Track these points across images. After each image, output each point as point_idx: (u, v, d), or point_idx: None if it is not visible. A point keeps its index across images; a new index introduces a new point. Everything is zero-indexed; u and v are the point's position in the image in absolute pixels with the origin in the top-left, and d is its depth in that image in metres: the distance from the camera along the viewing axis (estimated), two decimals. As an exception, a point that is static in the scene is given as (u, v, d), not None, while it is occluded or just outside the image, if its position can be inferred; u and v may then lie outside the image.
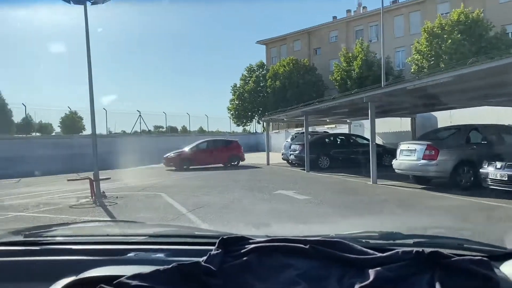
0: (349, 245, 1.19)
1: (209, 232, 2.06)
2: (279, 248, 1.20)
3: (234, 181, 14.50)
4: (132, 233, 1.97)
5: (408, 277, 1.07)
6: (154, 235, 1.84)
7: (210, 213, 8.21)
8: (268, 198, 10.22)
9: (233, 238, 1.25)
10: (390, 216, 7.62)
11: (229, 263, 1.15)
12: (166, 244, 1.58)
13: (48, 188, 13.76)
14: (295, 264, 1.15)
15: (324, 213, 8.13)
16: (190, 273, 1.10)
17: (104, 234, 1.83)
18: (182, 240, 1.67)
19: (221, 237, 1.24)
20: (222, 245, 1.21)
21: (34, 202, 10.36)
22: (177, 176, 16.74)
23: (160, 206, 9.34)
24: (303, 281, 1.09)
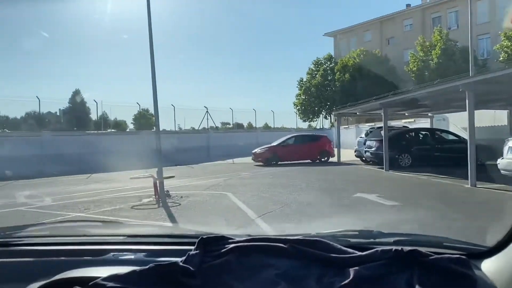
0: (329, 244, 1.19)
1: (189, 232, 2.01)
2: (259, 248, 1.19)
3: (305, 179, 13.23)
4: (110, 233, 1.90)
5: (388, 276, 1.06)
6: (132, 235, 1.78)
7: (284, 220, 7.04)
8: (347, 203, 8.83)
9: (213, 238, 1.22)
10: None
11: (208, 263, 1.13)
12: (145, 244, 1.55)
13: (114, 185, 13.44)
14: (275, 264, 1.13)
15: (429, 225, 6.13)
16: (168, 273, 1.08)
17: (81, 235, 1.79)
18: (161, 240, 1.65)
19: (201, 237, 1.22)
20: (201, 245, 1.19)
21: (97, 201, 9.88)
22: (247, 172, 15.80)
23: (225, 209, 8.35)
24: (283, 281, 1.07)
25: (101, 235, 1.85)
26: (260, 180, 13.53)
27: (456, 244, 1.37)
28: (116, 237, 1.72)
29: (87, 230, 2.03)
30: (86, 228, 2.13)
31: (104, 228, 2.21)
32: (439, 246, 1.33)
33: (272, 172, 16.17)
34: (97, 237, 1.77)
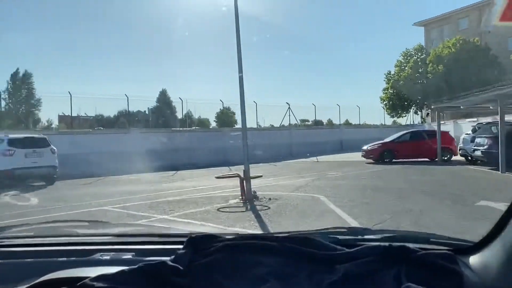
0: (318, 241, 1.19)
1: (178, 231, 2.00)
2: (248, 246, 1.18)
3: (407, 180, 11.61)
4: (98, 233, 1.89)
5: (376, 272, 1.07)
6: (121, 235, 1.78)
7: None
8: (473, 213, 7.20)
9: (202, 236, 1.22)
10: None
11: (197, 261, 1.13)
12: (133, 244, 1.53)
13: (199, 183, 13.00)
14: (264, 262, 1.13)
15: None
16: (156, 273, 1.07)
17: (68, 235, 1.76)
18: (149, 239, 1.62)
19: (189, 236, 1.21)
20: (190, 244, 1.18)
21: (182, 202, 9.33)
22: (336, 172, 14.50)
23: (321, 216, 7.23)
24: (272, 279, 1.08)
25: (88, 235, 1.81)
26: (352, 182, 12.17)
27: (442, 240, 1.39)
28: (104, 237, 1.72)
29: (74, 230, 1.97)
30: (72, 229, 2.05)
31: (91, 228, 2.16)
32: (426, 242, 1.36)
33: (368, 172, 14.68)
34: (84, 237, 1.73)
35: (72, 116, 26.58)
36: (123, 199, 9.83)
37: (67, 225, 2.30)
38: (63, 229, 2.04)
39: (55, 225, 2.25)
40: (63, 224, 2.39)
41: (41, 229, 2.01)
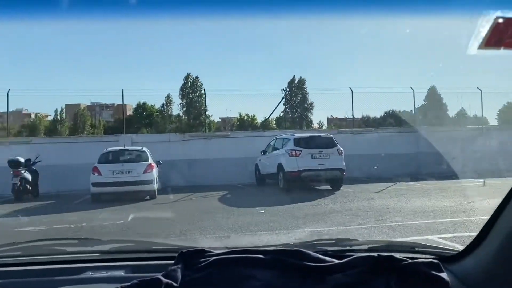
0: (308, 253, 1.22)
1: (168, 246, 1.98)
2: (240, 260, 1.20)
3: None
4: (87, 250, 1.82)
5: (366, 282, 1.12)
6: (110, 252, 1.75)
7: None
8: None
9: (193, 251, 1.23)
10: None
11: (190, 277, 1.14)
12: (124, 260, 1.52)
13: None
14: (256, 275, 1.15)
15: None
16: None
17: (56, 253, 1.73)
18: (139, 255, 1.62)
19: (180, 251, 1.23)
20: (181, 259, 1.20)
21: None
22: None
23: None
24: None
25: (77, 252, 1.78)
26: None
27: (428, 249, 1.45)
28: (92, 254, 1.68)
29: (62, 248, 1.89)
30: (60, 247, 1.96)
31: (79, 246, 2.08)
32: (413, 251, 1.40)
33: None
34: (72, 255, 1.70)
35: (339, 118, 26.45)
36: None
37: (55, 243, 2.12)
38: (51, 248, 1.93)
39: (42, 244, 2.05)
40: (51, 242, 2.18)
41: (28, 248, 1.88)
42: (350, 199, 10.60)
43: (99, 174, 10.76)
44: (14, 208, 10.02)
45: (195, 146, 15.54)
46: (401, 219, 7.30)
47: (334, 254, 1.29)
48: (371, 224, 7.05)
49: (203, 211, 8.78)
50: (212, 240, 5.92)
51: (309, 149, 11.97)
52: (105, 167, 10.94)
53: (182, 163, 14.82)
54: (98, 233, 6.66)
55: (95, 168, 10.85)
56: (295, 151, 11.87)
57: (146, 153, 11.80)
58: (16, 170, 11.25)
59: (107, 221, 7.82)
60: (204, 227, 7.02)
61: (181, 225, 7.17)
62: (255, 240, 5.81)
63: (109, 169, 10.91)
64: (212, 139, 15.97)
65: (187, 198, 11.39)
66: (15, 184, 11.09)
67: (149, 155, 11.78)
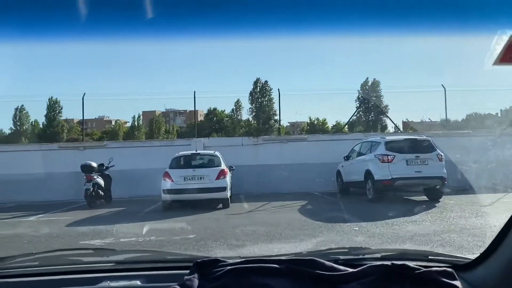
0: (321, 262, 1.21)
1: (182, 256, 2.03)
2: (254, 269, 1.19)
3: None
4: (104, 260, 1.84)
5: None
6: (126, 262, 1.76)
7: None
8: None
9: (207, 261, 1.23)
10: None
11: (205, 286, 1.14)
12: (139, 270, 1.53)
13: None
14: (271, 284, 1.14)
15: None
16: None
17: (73, 263, 1.74)
18: (154, 265, 1.61)
19: (195, 260, 1.23)
20: (196, 268, 1.19)
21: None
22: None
23: None
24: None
25: (93, 262, 1.77)
26: None
27: (441, 257, 1.44)
28: (109, 264, 1.69)
29: (79, 258, 1.92)
30: (77, 257, 1.98)
31: (96, 256, 2.06)
32: (425, 260, 1.40)
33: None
34: (89, 265, 1.69)
35: (415, 121, 24.44)
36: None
37: (72, 253, 2.15)
38: (68, 258, 1.94)
39: (60, 254, 2.04)
40: (68, 253, 2.18)
41: (45, 258, 1.87)
42: (458, 214, 8.70)
43: (170, 180, 9.94)
44: (85, 215, 9.50)
45: (269, 150, 14.34)
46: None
47: (347, 262, 1.31)
48: None
49: (285, 225, 7.48)
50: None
51: (404, 154, 10.19)
52: (176, 173, 10.09)
53: (255, 169, 13.71)
54: (168, 249, 5.65)
55: (166, 174, 10.05)
56: (387, 156, 10.15)
57: (218, 157, 10.80)
58: (89, 175, 10.82)
59: (178, 235, 6.83)
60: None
61: (264, 242, 6.01)
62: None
63: (180, 175, 10.05)
64: (288, 142, 14.66)
65: (263, 208, 10.18)
66: (88, 189, 10.65)
67: (222, 160, 10.77)
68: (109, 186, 11.68)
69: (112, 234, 7.01)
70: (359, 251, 1.60)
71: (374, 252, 1.59)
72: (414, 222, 7.61)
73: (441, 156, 10.26)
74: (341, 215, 8.47)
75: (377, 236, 6.52)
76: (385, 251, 1.61)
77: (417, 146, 10.43)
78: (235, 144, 14.48)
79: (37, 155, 13.52)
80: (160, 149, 13.95)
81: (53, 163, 13.17)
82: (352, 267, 1.20)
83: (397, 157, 10.10)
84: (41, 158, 13.35)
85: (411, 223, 7.56)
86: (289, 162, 13.69)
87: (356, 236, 6.41)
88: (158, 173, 10.33)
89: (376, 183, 10.20)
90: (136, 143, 16.16)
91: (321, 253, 1.53)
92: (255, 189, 13.30)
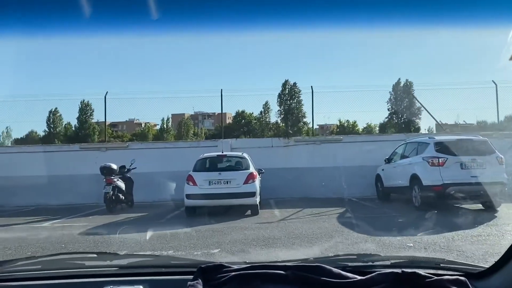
0: (328, 269, 1.16)
1: (186, 261, 1.97)
2: (259, 275, 1.15)
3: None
4: (106, 264, 1.81)
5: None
6: (129, 266, 1.73)
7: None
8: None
9: (212, 266, 1.21)
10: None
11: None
12: (141, 275, 1.51)
13: None
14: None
15: None
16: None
17: (76, 267, 1.67)
18: (158, 270, 1.58)
19: (199, 266, 1.20)
20: (200, 274, 1.16)
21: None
22: None
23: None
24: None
25: (96, 267, 1.74)
26: None
27: (453, 265, 1.36)
28: (112, 268, 1.66)
29: (82, 262, 1.83)
30: (80, 261, 1.88)
31: (99, 260, 2.03)
32: (437, 268, 1.33)
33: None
34: (92, 269, 1.66)
35: (449, 124, 22.86)
36: None
37: (75, 257, 2.03)
38: (71, 262, 1.87)
39: (62, 258, 2.02)
40: (71, 256, 2.09)
41: (48, 262, 1.86)
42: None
43: (194, 184, 9.00)
44: (102, 221, 8.69)
45: (301, 152, 13.21)
46: None
47: (355, 269, 1.25)
48: None
49: (324, 238, 6.37)
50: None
51: (457, 156, 8.85)
52: (200, 176, 9.14)
53: (286, 172, 12.62)
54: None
55: (189, 177, 9.12)
56: (438, 159, 8.84)
57: (247, 160, 9.78)
58: (109, 177, 10.02)
59: (199, 249, 5.84)
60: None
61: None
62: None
63: (205, 179, 9.09)
64: (322, 144, 13.48)
65: (296, 216, 9.08)
66: (107, 193, 9.83)
67: (251, 163, 9.75)
68: (130, 189, 10.88)
69: (125, 245, 6.12)
70: (368, 258, 1.52)
71: (383, 259, 1.54)
72: (477, 238, 6.34)
73: (501, 159, 8.88)
74: (387, 227, 7.27)
75: (436, 252, 5.33)
76: (395, 258, 1.55)
77: (473, 148, 9.07)
78: (264, 146, 13.43)
79: (59, 156, 12.94)
80: (186, 150, 13.07)
81: (75, 165, 12.58)
82: (360, 274, 1.16)
83: (449, 160, 8.78)
84: (63, 159, 12.77)
85: (474, 238, 6.29)
86: (322, 165, 12.55)
87: (414, 254, 5.24)
88: (183, 176, 9.43)
89: (424, 189, 8.91)
90: (160, 144, 15.35)
91: (329, 260, 1.48)
92: (286, 194, 12.23)
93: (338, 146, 13.32)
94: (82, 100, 41.63)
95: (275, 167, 12.26)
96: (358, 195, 12.03)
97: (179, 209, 9.75)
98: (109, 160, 10.93)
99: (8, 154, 13.28)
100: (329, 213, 9.15)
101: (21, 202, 11.86)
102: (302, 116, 45.04)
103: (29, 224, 8.61)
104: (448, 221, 7.50)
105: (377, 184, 11.52)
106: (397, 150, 10.79)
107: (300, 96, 45.11)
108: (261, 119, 48.95)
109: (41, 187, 11.75)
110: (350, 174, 12.17)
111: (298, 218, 8.81)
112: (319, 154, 13.10)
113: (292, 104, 46.80)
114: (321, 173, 12.27)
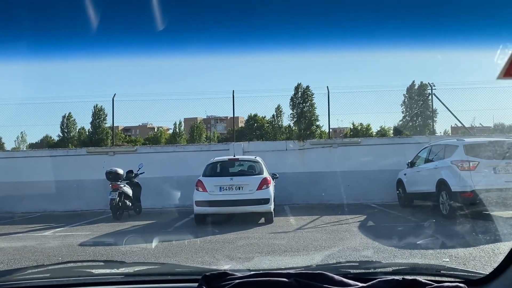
0: (331, 276, 1.15)
1: (191, 269, 1.97)
2: (263, 283, 1.15)
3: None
4: (113, 272, 1.81)
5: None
6: (135, 274, 1.72)
7: None
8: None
9: (216, 274, 1.20)
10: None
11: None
12: (148, 282, 1.51)
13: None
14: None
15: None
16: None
17: (83, 275, 1.67)
18: (163, 278, 1.58)
19: (204, 273, 1.20)
20: (205, 282, 1.16)
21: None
22: None
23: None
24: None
25: (103, 275, 1.74)
26: None
27: (453, 272, 1.37)
28: (118, 276, 1.67)
29: (88, 270, 1.86)
30: (87, 269, 1.92)
31: (106, 268, 2.02)
32: (437, 274, 1.33)
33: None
34: (100, 277, 1.67)
35: (466, 126, 21.90)
36: None
37: (82, 265, 2.08)
38: (78, 270, 1.87)
39: (70, 266, 2.00)
40: (78, 265, 2.09)
41: (56, 270, 1.86)
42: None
43: (203, 190, 8.35)
44: (107, 230, 8.09)
45: (317, 156, 12.47)
46: None
47: (357, 277, 1.25)
48: None
49: (348, 252, 5.65)
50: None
51: (490, 160, 8.05)
52: (211, 182, 8.50)
53: (301, 176, 11.92)
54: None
55: (199, 183, 8.48)
56: (469, 162, 8.04)
57: (260, 164, 9.10)
58: (115, 183, 9.43)
59: (209, 264, 5.19)
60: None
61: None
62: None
63: (215, 184, 8.44)
64: (338, 147, 12.72)
65: (313, 224, 8.35)
66: (113, 199, 9.24)
67: (264, 167, 9.07)
68: (138, 195, 10.29)
69: (127, 259, 5.49)
70: (370, 265, 1.51)
71: (385, 266, 1.53)
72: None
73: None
74: (416, 237, 6.50)
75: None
76: (396, 265, 1.54)
77: (506, 151, 8.24)
78: (278, 149, 12.73)
79: (66, 161, 12.45)
80: (197, 154, 12.44)
81: (82, 170, 12.06)
82: (362, 281, 1.15)
83: (481, 164, 7.97)
84: (70, 164, 12.28)
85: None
86: (340, 169, 11.79)
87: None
88: (194, 181, 8.80)
89: (453, 195, 8.11)
90: (169, 148, 14.74)
91: (331, 267, 1.46)
92: (301, 200, 11.53)
93: (356, 149, 12.55)
94: (95, 105, 41.61)
95: (289, 172, 11.59)
96: (378, 201, 11.26)
97: (189, 216, 9.13)
98: (116, 164, 10.38)
99: (15, 159, 12.84)
100: (349, 221, 8.41)
101: (27, 208, 11.39)
102: (315, 119, 44.32)
103: (30, 233, 8.07)
104: (483, 231, 6.71)
105: (399, 189, 10.71)
106: (421, 154, 10.00)
107: (313, 99, 44.40)
108: (274, 123, 48.34)
109: (48, 192, 11.27)
110: (369, 178, 11.45)
111: (316, 227, 8.08)
112: (335, 158, 12.36)
113: (305, 107, 46.11)
114: (338, 178, 11.51)
